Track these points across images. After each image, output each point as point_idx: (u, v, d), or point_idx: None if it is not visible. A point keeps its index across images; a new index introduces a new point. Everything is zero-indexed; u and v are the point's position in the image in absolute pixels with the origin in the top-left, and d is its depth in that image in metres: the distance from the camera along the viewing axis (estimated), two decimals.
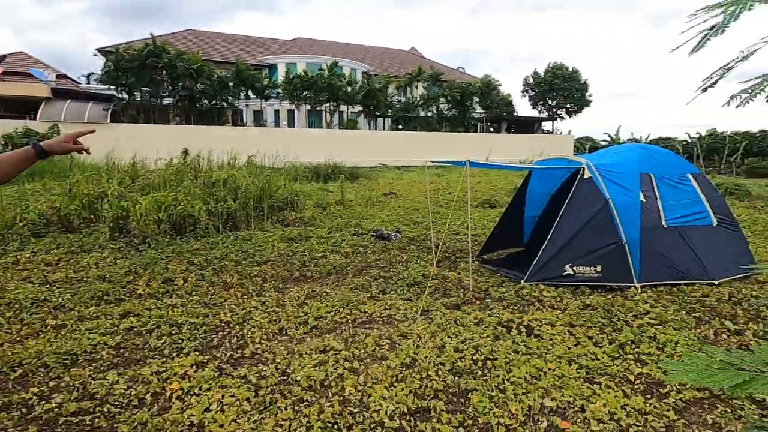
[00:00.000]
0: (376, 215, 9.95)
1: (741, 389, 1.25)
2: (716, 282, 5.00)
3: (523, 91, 43.26)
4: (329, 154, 20.88)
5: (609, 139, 35.77)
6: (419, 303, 4.41)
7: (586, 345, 3.43)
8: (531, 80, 42.00)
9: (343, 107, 31.48)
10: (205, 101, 26.92)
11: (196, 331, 3.70)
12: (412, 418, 2.59)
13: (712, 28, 1.32)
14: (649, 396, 2.82)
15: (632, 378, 3.01)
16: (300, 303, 4.48)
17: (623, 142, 33.82)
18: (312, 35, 46.57)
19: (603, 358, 3.23)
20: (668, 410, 2.67)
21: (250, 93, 28.14)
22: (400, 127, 33.21)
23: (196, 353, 3.33)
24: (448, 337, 3.60)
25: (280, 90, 28.34)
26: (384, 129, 35.23)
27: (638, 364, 3.20)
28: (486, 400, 2.71)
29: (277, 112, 33.66)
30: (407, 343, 3.46)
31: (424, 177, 20.06)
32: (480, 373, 3.05)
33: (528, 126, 40.33)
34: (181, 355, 3.31)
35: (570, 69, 39.93)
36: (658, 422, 2.56)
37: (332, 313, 4.18)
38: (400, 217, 9.64)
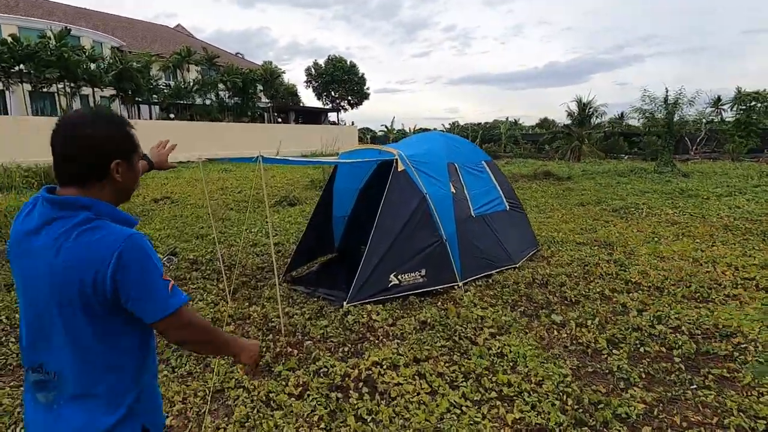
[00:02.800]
0: (141, 231, 7.41)
1: None
2: (517, 264, 5.16)
3: (306, 82, 43.42)
4: None
5: (386, 129, 39.47)
6: (209, 381, 2.87)
7: (445, 392, 2.64)
8: (313, 71, 42.41)
9: (87, 90, 24.59)
10: None
11: None
12: None
13: None
14: None
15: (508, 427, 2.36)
16: None
17: (397, 133, 37.90)
18: None
19: (469, 410, 2.48)
20: None
21: None
22: (172, 116, 28.31)
23: None
24: None
25: None
26: (151, 118, 29.43)
27: (506, 404, 2.58)
28: None
29: None
30: None
31: (209, 175, 17.31)
32: None
33: (315, 116, 40.76)
34: None
35: (348, 63, 42.02)
36: None
37: None
38: (177, 231, 7.43)
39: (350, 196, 5.70)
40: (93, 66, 23.43)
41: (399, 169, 4.46)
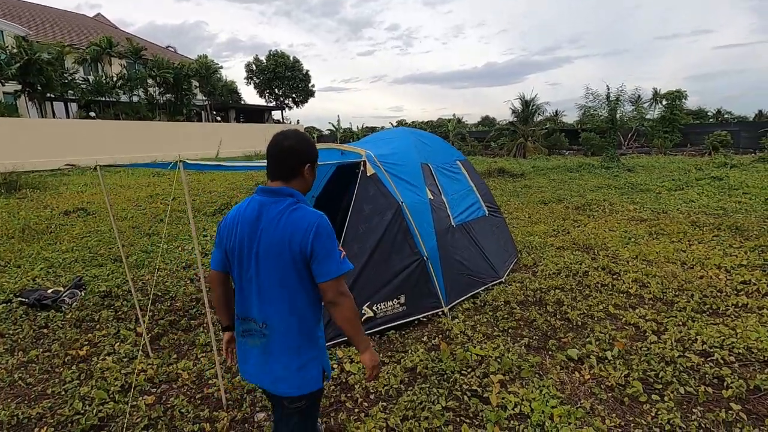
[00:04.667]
0: (40, 256, 5.95)
1: None
2: (503, 278, 4.52)
3: (247, 78, 41.05)
4: None
5: (333, 128, 38.28)
6: None
7: None
8: (254, 67, 40.19)
9: None
10: None
11: None
12: None
13: None
14: None
15: None
16: None
17: (344, 132, 36.88)
18: None
19: None
20: None
21: None
22: (93, 114, 25.28)
23: None
24: None
25: None
26: (69, 117, 26.15)
27: None
28: None
29: None
30: None
31: (137, 180, 15.38)
32: None
33: (258, 115, 38.63)
34: None
35: (291, 58, 40.26)
36: None
37: None
38: (89, 253, 6.05)
39: None
40: None
41: (368, 173, 3.61)
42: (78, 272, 5.26)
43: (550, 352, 3.11)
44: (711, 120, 37.13)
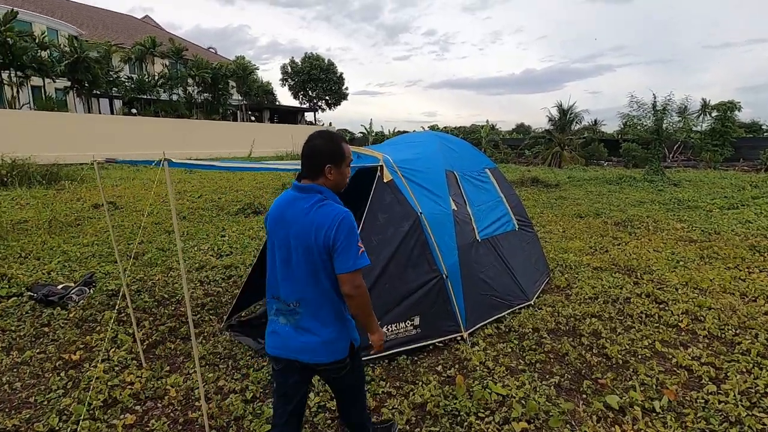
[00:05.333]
0: (60, 249, 5.96)
1: None
2: (531, 301, 4.08)
3: (282, 80, 41.71)
4: (12, 146, 13.94)
5: (365, 131, 38.24)
6: None
7: None
8: (289, 69, 40.81)
9: (38, 80, 22.41)
10: None
11: None
12: None
13: None
14: None
15: None
16: None
17: (376, 135, 36.76)
18: None
19: None
20: None
21: None
22: (134, 111, 26.25)
23: None
24: None
25: None
26: (113, 113, 27.31)
27: None
28: None
29: None
30: None
31: (167, 176, 15.67)
32: None
33: (291, 116, 39.15)
34: None
35: (326, 61, 40.61)
36: None
37: None
38: (107, 249, 6.02)
39: None
40: (44, 54, 21.33)
41: (385, 180, 3.29)
42: (93, 268, 5.20)
43: (584, 396, 2.67)
44: (766, 134, 34.60)
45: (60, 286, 4.43)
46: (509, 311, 3.80)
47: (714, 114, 26.98)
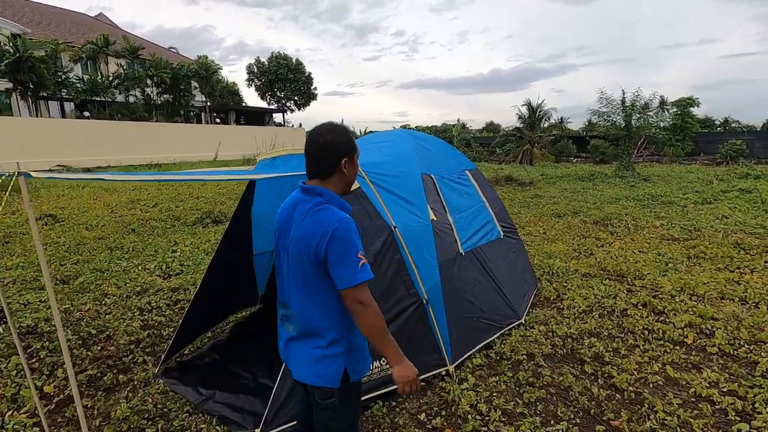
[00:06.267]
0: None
1: None
2: (523, 319, 3.62)
3: (249, 80, 40.38)
4: None
5: None
6: None
7: None
8: (255, 69, 39.55)
9: None
10: None
11: None
12: None
13: None
14: None
15: None
16: None
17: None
18: None
19: None
20: None
21: None
22: (87, 114, 24.59)
23: None
24: None
25: None
26: (64, 117, 25.47)
27: None
28: None
29: None
30: None
31: (124, 183, 14.52)
32: None
33: (259, 117, 37.92)
34: None
35: (294, 60, 39.60)
36: None
37: None
38: (34, 273, 5.18)
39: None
40: None
41: (352, 188, 2.72)
42: (10, 298, 4.39)
43: None
44: (719, 129, 36.13)
45: None
46: (499, 333, 3.32)
47: (673, 110, 27.78)
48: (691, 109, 27.11)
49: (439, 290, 2.92)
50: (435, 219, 3.17)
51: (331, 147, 1.50)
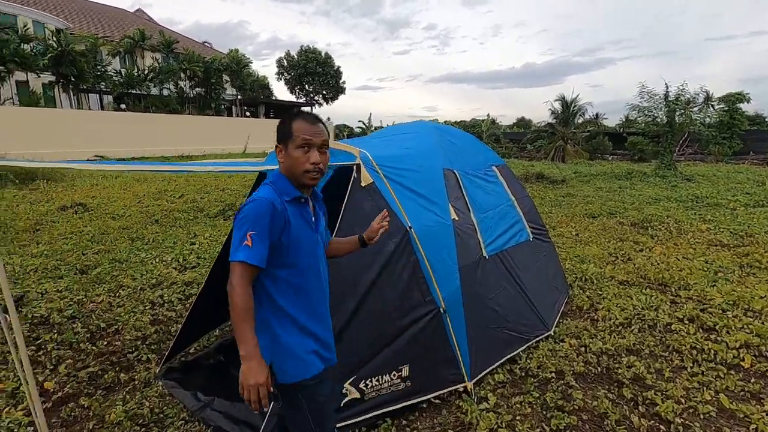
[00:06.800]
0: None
1: None
2: (552, 331, 3.29)
3: (278, 74, 40.74)
4: None
5: (363, 126, 37.32)
6: None
7: None
8: (285, 62, 39.84)
9: (22, 75, 21.57)
10: None
11: None
12: None
13: None
14: None
15: None
16: None
17: (375, 130, 35.85)
18: None
19: None
20: None
21: None
22: (123, 106, 25.38)
23: None
24: None
25: None
26: (102, 109, 26.43)
27: None
28: None
29: None
30: None
31: (156, 174, 14.84)
32: None
33: (287, 111, 38.22)
34: None
35: (323, 54, 39.63)
36: None
37: None
38: (57, 261, 5.22)
39: None
40: (27, 47, 20.48)
41: (363, 183, 2.48)
42: (29, 286, 4.41)
43: None
44: None
45: None
46: (525, 346, 3.02)
47: (719, 106, 26.03)
48: (740, 105, 25.37)
49: (459, 297, 2.65)
50: (456, 219, 2.89)
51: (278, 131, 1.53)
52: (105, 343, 3.28)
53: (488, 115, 37.05)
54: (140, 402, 2.51)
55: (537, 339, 3.14)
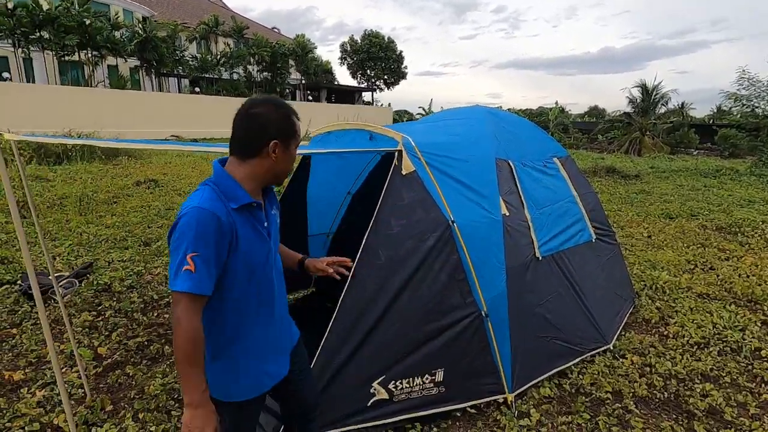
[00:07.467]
0: (78, 230, 5.65)
1: None
2: (611, 345, 2.94)
3: (341, 59, 41.13)
4: (82, 123, 14.73)
5: (424, 112, 36.73)
6: None
7: None
8: (348, 47, 40.08)
9: (112, 60, 23.62)
10: None
11: None
12: None
13: None
14: None
15: None
16: None
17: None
18: None
19: None
20: None
21: None
22: (197, 90, 26.99)
23: None
24: None
25: None
26: (180, 92, 28.32)
27: None
28: None
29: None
30: None
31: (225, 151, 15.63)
32: None
33: (349, 96, 38.64)
34: None
35: (386, 39, 39.35)
36: None
37: None
38: (125, 232, 5.63)
39: (335, 204, 3.62)
40: (117, 34, 22.33)
41: (404, 171, 2.31)
42: (99, 255, 4.78)
43: None
44: None
45: (54, 276, 3.99)
46: (578, 360, 2.72)
47: None
48: None
49: (505, 301, 2.41)
50: (507, 214, 2.63)
51: (259, 123, 1.24)
52: (155, 314, 3.44)
53: (556, 103, 34.84)
54: (177, 376, 2.58)
55: (593, 352, 2.82)
